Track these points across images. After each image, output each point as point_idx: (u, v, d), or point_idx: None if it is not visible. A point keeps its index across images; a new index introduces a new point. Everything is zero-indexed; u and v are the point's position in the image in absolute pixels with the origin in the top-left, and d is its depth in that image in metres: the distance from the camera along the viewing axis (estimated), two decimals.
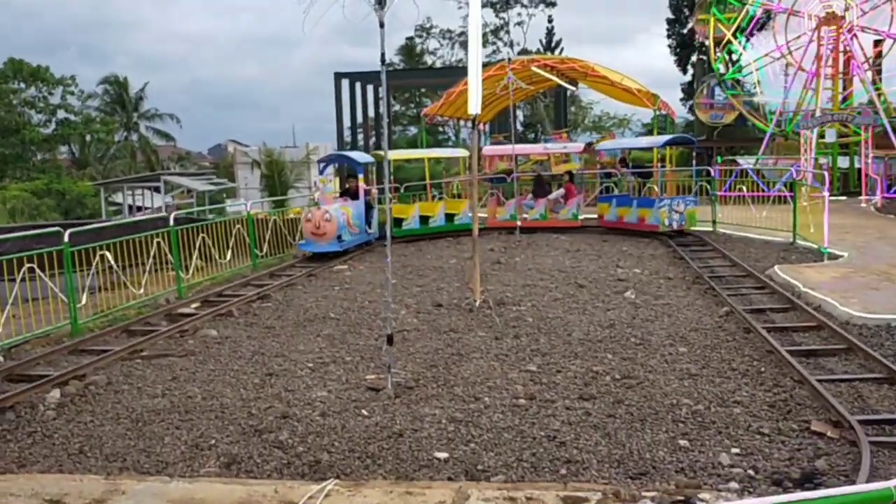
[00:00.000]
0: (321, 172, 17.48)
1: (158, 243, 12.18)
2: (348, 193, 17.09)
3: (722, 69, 27.32)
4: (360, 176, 16.93)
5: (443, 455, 5.81)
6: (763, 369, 7.53)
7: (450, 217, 18.79)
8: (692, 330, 9.08)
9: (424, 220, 18.48)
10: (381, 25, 6.91)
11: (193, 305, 11.51)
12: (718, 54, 26.76)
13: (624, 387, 7.18)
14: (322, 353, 8.76)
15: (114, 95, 53.86)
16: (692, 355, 8.11)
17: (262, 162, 37.92)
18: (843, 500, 2.60)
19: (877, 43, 26.08)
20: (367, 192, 16.90)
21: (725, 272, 12.49)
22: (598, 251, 15.23)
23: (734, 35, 26.16)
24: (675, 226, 16.96)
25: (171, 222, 12.68)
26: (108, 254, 10.95)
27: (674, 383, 7.22)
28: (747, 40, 26.81)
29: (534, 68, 22.29)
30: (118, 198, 40.63)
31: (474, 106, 10.48)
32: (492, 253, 15.21)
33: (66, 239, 10.15)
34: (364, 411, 6.80)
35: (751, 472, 5.31)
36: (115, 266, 11.06)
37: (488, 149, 23.07)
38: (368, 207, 17.02)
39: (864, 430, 5.67)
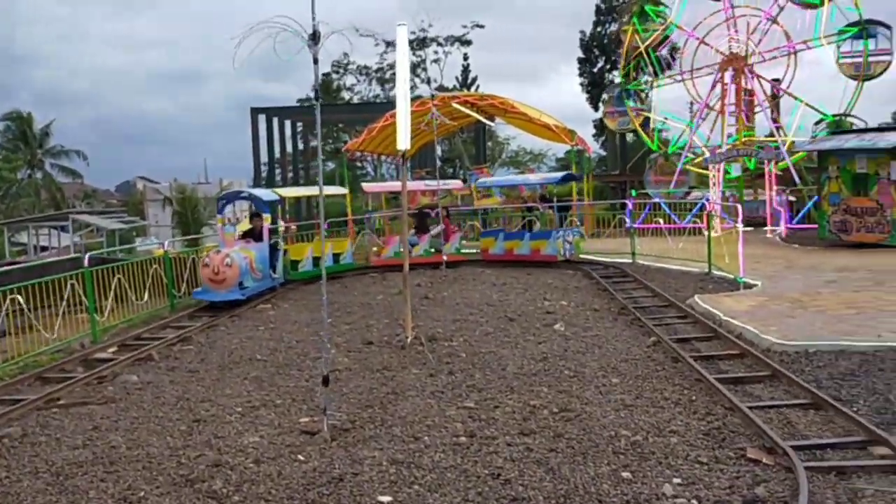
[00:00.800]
0: (220, 211, 15.95)
1: (72, 285, 11.64)
2: (252, 235, 15.70)
3: (629, 79, 28.32)
4: (266, 215, 15.67)
5: (386, 499, 5.66)
6: (694, 398, 7.68)
7: (336, 257, 18.09)
8: (623, 361, 9.22)
9: (317, 260, 17.19)
10: (315, 62, 6.84)
11: (111, 350, 11.01)
12: (630, 63, 27.70)
13: (563, 420, 7.20)
14: (251, 397, 8.48)
15: (16, 132, 51.80)
16: (625, 386, 8.22)
17: (175, 199, 36.97)
18: None
19: (772, 87, 27.50)
20: (269, 231, 15.59)
21: (648, 302, 12.78)
22: (524, 284, 15.37)
23: (647, 51, 27.12)
24: (568, 255, 18.07)
25: (86, 263, 12.14)
26: (19, 297, 10.38)
27: (610, 415, 7.28)
28: (658, 62, 27.80)
29: (454, 104, 22.51)
30: (23, 237, 38.82)
31: (403, 141, 10.48)
32: (419, 288, 15.15)
33: None
34: (300, 456, 6.59)
35: (694, 501, 5.37)
36: (27, 310, 10.49)
37: (368, 186, 22.82)
38: (273, 250, 15.77)
39: (797, 456, 5.82)
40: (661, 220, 19.95)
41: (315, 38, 6.73)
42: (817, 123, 25.33)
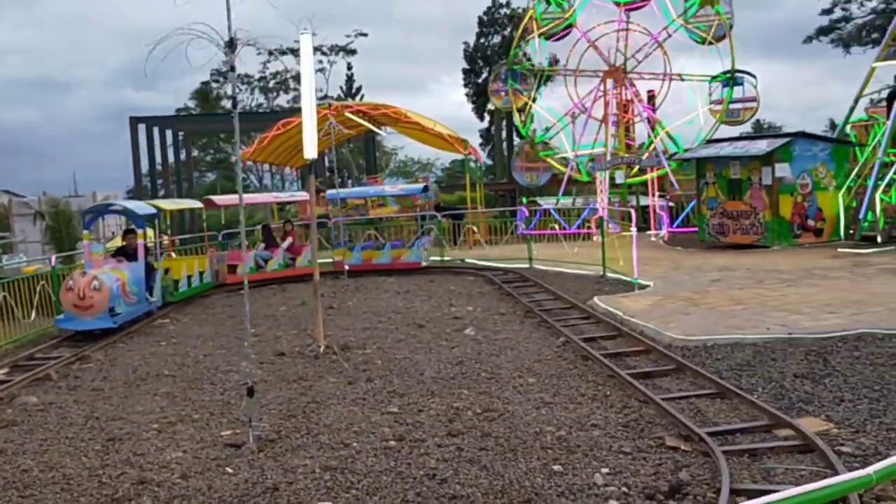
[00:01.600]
0: (87, 226, 14.56)
1: None
2: (125, 253, 14.30)
3: (518, 60, 28.80)
4: (141, 231, 14.39)
5: None
6: (609, 393, 8.03)
7: (201, 276, 16.98)
8: (536, 361, 9.51)
9: (191, 279, 16.43)
10: (232, 69, 6.76)
11: (2, 371, 10.37)
12: (521, 45, 28.29)
13: (487, 420, 7.36)
14: (165, 413, 8.21)
15: None
16: (542, 385, 8.49)
17: (47, 213, 35.06)
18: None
19: (650, 92, 28.86)
20: (146, 249, 14.48)
21: (551, 305, 13.20)
22: (427, 291, 15.54)
23: (540, 36, 27.76)
24: (425, 262, 19.02)
25: None
26: None
27: (532, 413, 7.51)
28: (543, 78, 28.56)
29: (348, 114, 22.54)
30: None
31: (311, 150, 10.44)
32: (322, 298, 14.98)
33: None
34: (229, 469, 6.45)
35: (624, 489, 5.64)
36: None
37: (218, 199, 21.15)
38: (149, 270, 14.38)
39: (713, 441, 6.21)
40: (556, 227, 20.64)
41: (232, 45, 6.65)
42: (669, 158, 26.40)
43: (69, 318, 12.47)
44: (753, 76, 26.10)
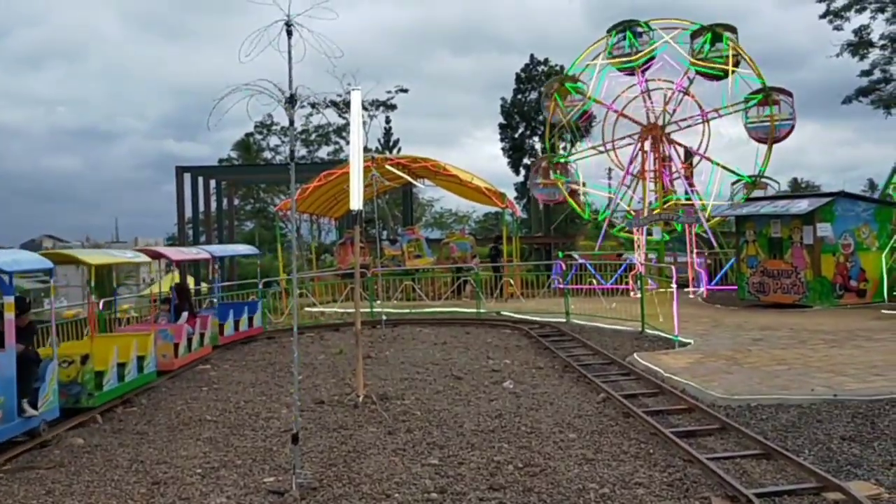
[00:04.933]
0: None
1: None
2: None
3: (557, 151, 29.16)
4: (8, 300, 8.82)
5: None
6: (652, 451, 7.95)
7: (140, 361, 11.95)
8: (576, 417, 9.45)
9: (123, 368, 11.36)
10: (291, 123, 7.00)
11: None
12: (553, 137, 28.61)
13: (529, 475, 7.33)
14: (209, 458, 8.29)
15: None
16: (583, 441, 8.43)
17: None
18: None
19: (686, 154, 28.95)
20: (28, 328, 9.66)
21: (589, 360, 13.12)
22: (464, 343, 15.55)
23: (568, 123, 28.07)
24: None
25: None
26: None
27: (574, 469, 7.46)
28: (579, 130, 28.95)
29: (388, 166, 22.95)
30: None
31: (356, 201, 10.66)
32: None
33: None
34: None
35: None
36: None
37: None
38: (31, 362, 9.20)
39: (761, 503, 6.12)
40: (594, 282, 20.62)
41: (293, 101, 6.90)
42: (734, 184, 26.59)
43: None
44: (790, 94, 25.86)
